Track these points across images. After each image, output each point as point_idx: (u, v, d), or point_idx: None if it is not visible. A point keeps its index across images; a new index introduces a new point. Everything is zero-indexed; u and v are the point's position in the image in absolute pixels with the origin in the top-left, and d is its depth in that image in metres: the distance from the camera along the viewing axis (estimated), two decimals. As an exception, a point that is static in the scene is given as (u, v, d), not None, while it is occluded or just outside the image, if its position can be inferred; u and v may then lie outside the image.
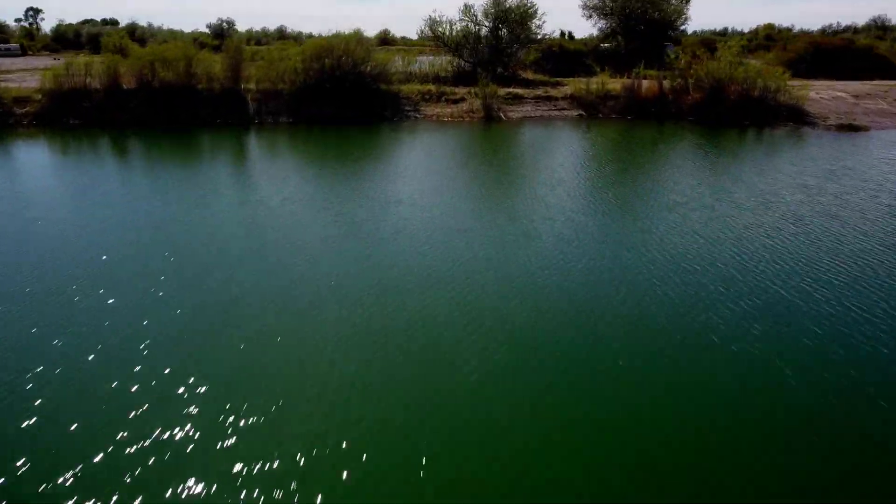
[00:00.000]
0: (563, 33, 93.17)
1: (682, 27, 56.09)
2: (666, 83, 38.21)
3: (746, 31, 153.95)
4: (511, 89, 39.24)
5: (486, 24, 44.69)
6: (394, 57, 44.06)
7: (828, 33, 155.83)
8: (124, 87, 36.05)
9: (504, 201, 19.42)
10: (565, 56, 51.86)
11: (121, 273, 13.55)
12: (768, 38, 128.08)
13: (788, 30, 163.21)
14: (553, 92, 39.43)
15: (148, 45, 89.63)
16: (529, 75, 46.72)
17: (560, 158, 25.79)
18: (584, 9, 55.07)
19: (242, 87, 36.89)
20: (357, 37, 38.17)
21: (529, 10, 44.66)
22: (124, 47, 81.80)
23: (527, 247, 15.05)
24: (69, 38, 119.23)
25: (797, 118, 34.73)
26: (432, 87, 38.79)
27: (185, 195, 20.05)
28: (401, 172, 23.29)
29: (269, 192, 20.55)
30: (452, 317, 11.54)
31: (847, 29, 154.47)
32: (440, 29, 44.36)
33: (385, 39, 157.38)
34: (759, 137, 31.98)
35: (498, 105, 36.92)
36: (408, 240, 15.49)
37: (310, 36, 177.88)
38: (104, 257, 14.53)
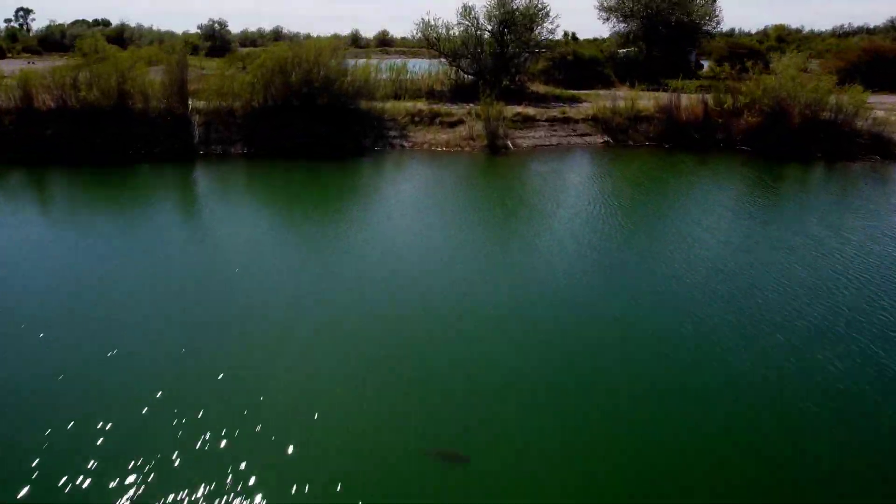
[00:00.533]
0: (566, 34, 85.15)
1: (716, 30, 47.92)
2: (709, 99, 30.15)
3: (754, 31, 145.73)
4: (520, 109, 31.19)
5: (490, 28, 36.61)
6: (378, 65, 36.15)
7: (839, 35, 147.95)
8: (40, 109, 28.10)
9: (525, 323, 11.44)
10: (579, 63, 43.83)
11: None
12: (780, 41, 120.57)
13: (798, 31, 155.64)
14: (571, 112, 31.39)
15: (129, 48, 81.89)
16: (540, 88, 38.70)
17: (598, 222, 17.80)
18: (600, 10, 46.96)
19: (190, 106, 28.92)
20: (331, 44, 30.14)
21: (540, 13, 36.54)
22: (100, 51, 74.11)
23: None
24: (55, 40, 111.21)
25: (884, 150, 26.69)
26: (424, 107, 30.77)
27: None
28: (370, 248, 15.27)
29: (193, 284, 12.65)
30: None
31: (861, 30, 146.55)
32: (434, 34, 36.25)
33: (384, 41, 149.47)
34: (848, 178, 24.00)
35: (504, 130, 28.92)
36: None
37: (308, 37, 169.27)
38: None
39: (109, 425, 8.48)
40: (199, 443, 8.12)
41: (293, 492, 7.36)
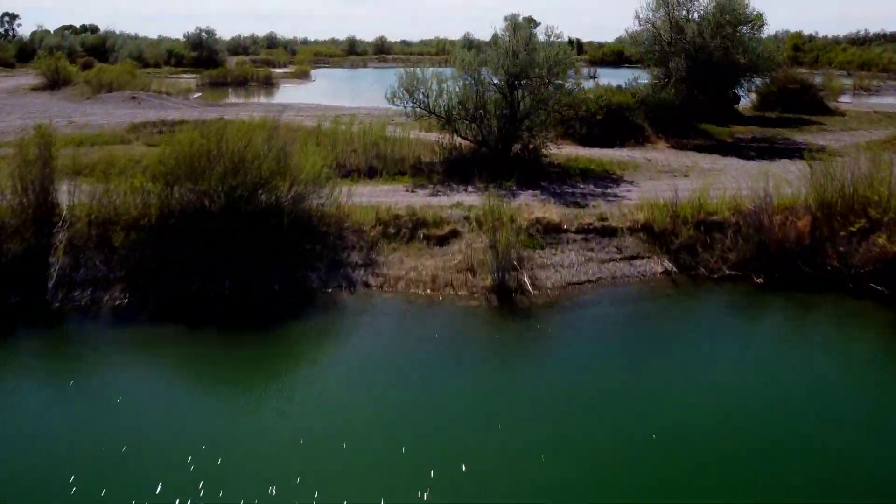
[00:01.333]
0: (570, 41, 74.25)
1: (773, 68, 37.45)
2: (811, 200, 19.98)
3: (764, 37, 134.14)
4: (540, 213, 20.89)
5: (496, 80, 26.38)
6: (348, 129, 26.20)
7: (857, 42, 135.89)
8: None
9: None
10: (609, 113, 33.66)
11: None
12: (796, 49, 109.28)
13: (812, 37, 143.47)
14: (611, 216, 21.15)
15: (96, 66, 70.81)
16: (560, 153, 28.59)
17: None
18: (633, 45, 36.49)
19: (63, 214, 18.76)
20: (268, 125, 19.96)
21: (563, 61, 26.30)
22: (60, 70, 63.10)
23: None
24: (34, 50, 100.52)
25: None
26: (402, 211, 20.55)
27: None
28: None
29: None
30: None
31: (878, 37, 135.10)
32: (422, 91, 25.92)
33: (381, 47, 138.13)
34: None
35: (518, 252, 18.73)
36: None
37: (304, 42, 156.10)
38: None
39: None
40: None
41: None
